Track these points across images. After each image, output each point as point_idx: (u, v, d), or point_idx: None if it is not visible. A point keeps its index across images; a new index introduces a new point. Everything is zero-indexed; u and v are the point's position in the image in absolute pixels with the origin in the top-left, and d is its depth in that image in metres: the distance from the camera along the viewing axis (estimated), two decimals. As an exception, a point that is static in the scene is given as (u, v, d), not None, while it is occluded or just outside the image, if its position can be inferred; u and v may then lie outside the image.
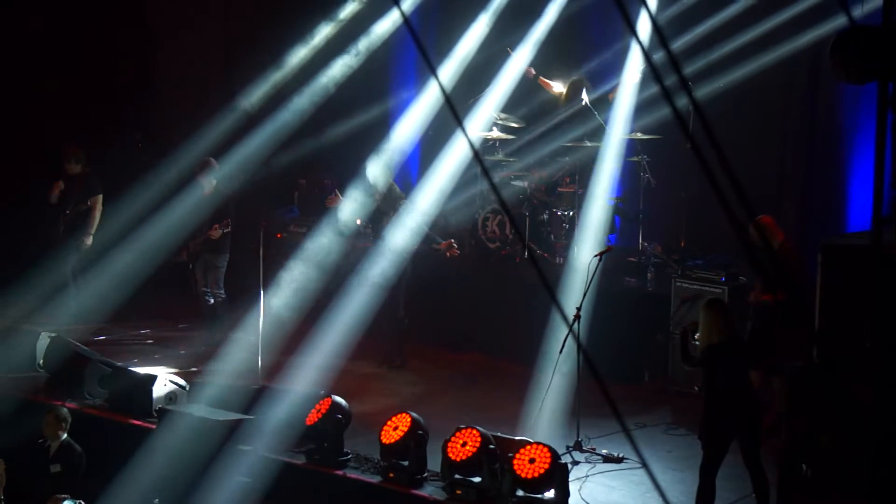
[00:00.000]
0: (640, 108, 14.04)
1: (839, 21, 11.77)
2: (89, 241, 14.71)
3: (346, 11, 16.00)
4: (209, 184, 14.04)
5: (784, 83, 13.77)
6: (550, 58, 15.12)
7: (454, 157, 14.39)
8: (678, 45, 13.53)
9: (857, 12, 10.81)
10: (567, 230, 14.07)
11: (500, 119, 14.97)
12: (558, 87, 14.90)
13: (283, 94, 15.82)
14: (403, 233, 13.10)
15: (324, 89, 15.56)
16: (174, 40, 17.15)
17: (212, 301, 14.01)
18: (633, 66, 14.10)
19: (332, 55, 15.80)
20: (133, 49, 17.55)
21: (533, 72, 14.95)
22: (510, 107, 15.12)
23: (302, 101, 15.54)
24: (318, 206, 15.02)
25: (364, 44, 15.69)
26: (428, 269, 13.92)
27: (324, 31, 15.99)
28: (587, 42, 15.23)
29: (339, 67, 15.63)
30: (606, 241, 13.59)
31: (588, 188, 13.91)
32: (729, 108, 13.32)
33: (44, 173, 15.38)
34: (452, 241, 13.51)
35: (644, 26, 13.52)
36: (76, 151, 14.79)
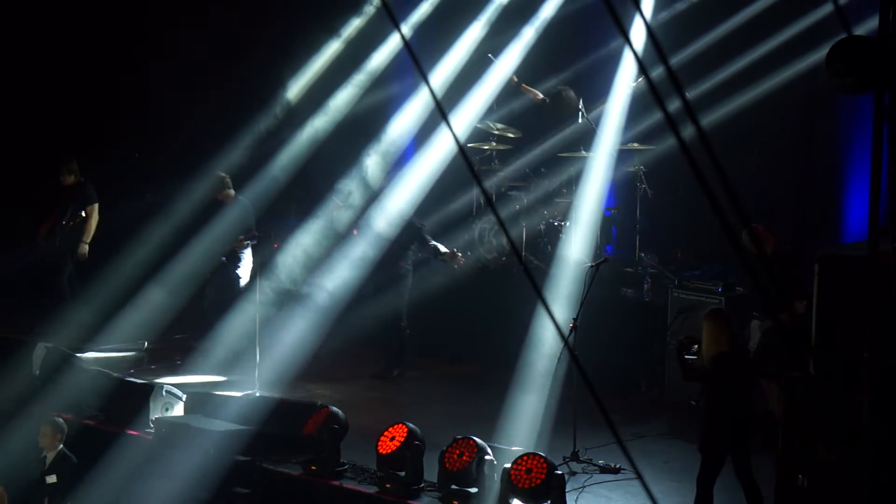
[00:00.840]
0: (637, 119, 14.06)
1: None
2: (85, 249, 14.68)
3: (351, 28, 16.06)
4: (228, 196, 14.14)
5: (783, 94, 13.76)
6: (538, 62, 15.13)
7: (442, 150, 14.43)
8: (676, 59, 13.55)
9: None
10: (563, 240, 14.06)
11: (497, 130, 14.98)
12: (540, 95, 14.93)
13: (298, 112, 15.89)
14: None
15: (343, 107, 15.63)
16: (175, 56, 17.11)
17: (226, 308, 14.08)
18: (626, 73, 14.09)
19: (340, 72, 15.89)
20: (132, 64, 17.51)
21: (515, 79, 14.97)
22: (493, 112, 15.17)
23: (322, 123, 15.59)
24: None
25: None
26: (426, 279, 13.93)
27: (329, 49, 16.06)
28: (576, 45, 15.21)
29: (350, 89, 15.69)
30: (603, 251, 13.60)
31: (584, 198, 13.91)
32: (728, 117, 13.36)
33: (41, 184, 15.38)
34: (455, 249, 13.50)
35: (639, 37, 13.50)
36: (69, 161, 14.79)
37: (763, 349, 11.14)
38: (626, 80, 14.15)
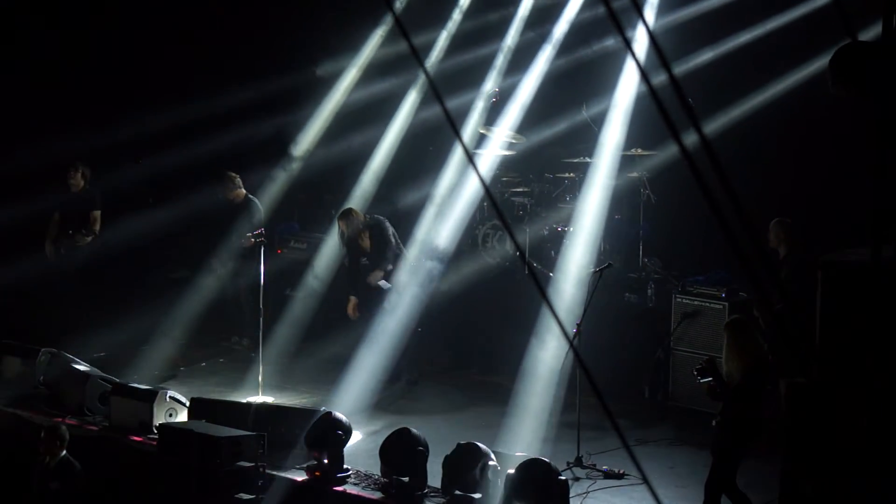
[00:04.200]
0: (641, 125, 14.04)
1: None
2: (86, 240, 14.57)
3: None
4: (238, 196, 14.13)
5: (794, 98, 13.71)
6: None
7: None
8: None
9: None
10: (567, 246, 14.04)
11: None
12: None
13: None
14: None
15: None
16: (182, 64, 17.10)
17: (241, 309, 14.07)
18: (628, 80, 14.06)
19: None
20: (137, 71, 17.47)
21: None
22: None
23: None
24: (319, 222, 15.13)
25: None
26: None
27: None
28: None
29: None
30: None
31: (587, 204, 13.89)
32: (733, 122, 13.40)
33: (45, 191, 15.37)
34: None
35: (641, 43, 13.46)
36: (84, 166, 14.71)
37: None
38: (629, 81, 14.09)
